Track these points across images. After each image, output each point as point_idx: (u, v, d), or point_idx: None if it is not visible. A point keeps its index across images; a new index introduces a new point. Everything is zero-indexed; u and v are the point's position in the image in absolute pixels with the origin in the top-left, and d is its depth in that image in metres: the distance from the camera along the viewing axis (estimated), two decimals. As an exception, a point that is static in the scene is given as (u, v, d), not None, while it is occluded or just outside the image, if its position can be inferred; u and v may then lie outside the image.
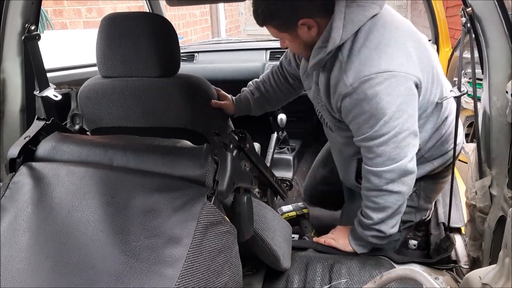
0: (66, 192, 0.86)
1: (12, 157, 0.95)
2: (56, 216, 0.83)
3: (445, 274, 1.24)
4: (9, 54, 1.31)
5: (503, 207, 1.01)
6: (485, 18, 1.04)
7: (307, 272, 1.24)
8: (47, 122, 1.02)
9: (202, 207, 0.80)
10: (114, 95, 1.32)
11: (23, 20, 1.30)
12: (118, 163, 0.91)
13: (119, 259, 0.76)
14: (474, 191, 1.17)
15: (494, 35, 1.03)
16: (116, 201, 0.83)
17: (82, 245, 0.78)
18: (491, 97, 1.06)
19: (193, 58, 2.63)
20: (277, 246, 1.11)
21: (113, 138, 1.02)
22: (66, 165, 0.92)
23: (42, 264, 0.77)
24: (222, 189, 0.83)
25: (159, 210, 0.81)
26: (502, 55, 1.03)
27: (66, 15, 4.37)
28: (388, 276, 0.94)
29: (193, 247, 0.77)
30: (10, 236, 0.83)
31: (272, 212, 1.14)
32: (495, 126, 1.06)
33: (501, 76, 1.04)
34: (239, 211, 0.91)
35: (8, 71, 1.32)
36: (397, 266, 1.26)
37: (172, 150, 0.93)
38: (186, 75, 1.35)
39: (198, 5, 6.15)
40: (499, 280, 0.78)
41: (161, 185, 0.84)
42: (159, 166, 0.88)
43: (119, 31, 1.25)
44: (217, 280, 0.81)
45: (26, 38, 1.31)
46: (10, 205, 0.87)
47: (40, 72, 1.38)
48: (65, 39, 3.73)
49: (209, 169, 0.84)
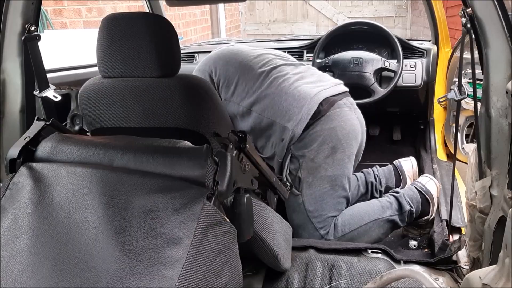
0: (66, 193, 0.86)
1: (12, 157, 0.95)
2: (56, 216, 0.83)
3: (445, 275, 1.24)
4: (9, 54, 1.31)
5: (503, 207, 1.01)
6: (485, 19, 1.04)
7: (307, 272, 1.24)
8: (47, 123, 1.02)
9: (202, 208, 0.80)
10: (114, 95, 1.31)
11: (23, 21, 1.30)
12: (118, 163, 0.91)
13: (119, 259, 0.76)
14: (474, 192, 1.17)
15: (494, 35, 1.03)
16: (116, 201, 0.83)
17: (82, 245, 0.78)
18: (491, 98, 1.06)
19: (193, 58, 2.64)
20: (277, 247, 1.11)
21: (113, 139, 1.02)
22: (66, 166, 0.92)
23: (42, 264, 0.77)
24: (222, 189, 0.83)
25: (159, 210, 0.81)
26: (502, 55, 1.03)
27: (66, 14, 4.36)
28: (388, 277, 0.94)
29: (193, 248, 0.77)
30: (10, 236, 0.83)
31: (272, 212, 1.14)
32: (495, 126, 1.06)
33: (501, 76, 1.04)
34: (239, 212, 0.91)
35: (8, 71, 1.32)
36: (397, 266, 1.26)
37: (172, 150, 0.93)
38: (186, 76, 1.35)
39: (198, 5, 6.15)
40: (499, 280, 0.78)
41: (161, 185, 0.84)
42: (159, 166, 0.88)
43: (119, 32, 1.24)
44: (217, 280, 0.81)
45: (26, 38, 1.31)
46: (10, 206, 0.87)
47: (40, 72, 1.37)
48: (65, 38, 3.73)
49: (209, 169, 0.84)
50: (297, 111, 1.60)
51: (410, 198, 1.72)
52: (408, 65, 2.31)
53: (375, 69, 2.22)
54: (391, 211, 1.69)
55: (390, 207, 1.70)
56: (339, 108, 1.67)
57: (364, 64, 2.22)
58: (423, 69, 2.32)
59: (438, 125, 2.41)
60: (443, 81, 2.38)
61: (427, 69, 2.33)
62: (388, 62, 2.23)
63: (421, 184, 1.77)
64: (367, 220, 1.64)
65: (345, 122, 1.68)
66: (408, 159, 2.05)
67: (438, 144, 2.33)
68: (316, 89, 1.66)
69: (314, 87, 1.67)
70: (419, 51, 2.37)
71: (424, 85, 2.33)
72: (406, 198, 1.72)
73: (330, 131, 1.64)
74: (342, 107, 1.67)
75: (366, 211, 1.68)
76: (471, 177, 1.22)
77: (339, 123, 1.66)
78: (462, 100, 1.28)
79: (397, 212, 1.69)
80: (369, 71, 2.21)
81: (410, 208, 1.70)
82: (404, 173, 2.00)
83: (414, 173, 2.01)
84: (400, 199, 1.71)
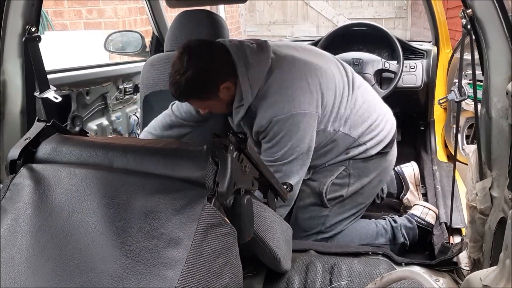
0: (67, 194, 0.86)
1: (12, 158, 0.95)
2: (57, 217, 0.83)
3: (446, 276, 1.24)
4: (9, 55, 1.31)
5: (504, 208, 1.01)
6: (485, 20, 1.04)
7: (308, 273, 1.23)
8: (48, 124, 1.02)
9: (203, 209, 0.80)
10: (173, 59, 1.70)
11: (23, 22, 1.30)
12: (119, 164, 0.91)
13: (119, 260, 0.75)
14: (474, 193, 1.17)
15: (494, 36, 1.03)
16: (116, 202, 0.83)
17: (82, 246, 0.78)
18: (492, 98, 1.06)
19: None
20: (277, 248, 1.11)
21: (113, 140, 1.02)
22: (66, 167, 0.92)
23: (42, 266, 0.77)
24: (222, 190, 0.83)
25: (159, 211, 0.81)
26: (502, 56, 1.03)
27: (66, 16, 4.36)
28: (388, 278, 0.94)
29: (193, 249, 0.77)
30: (10, 237, 0.83)
31: (272, 213, 1.14)
32: (496, 127, 1.06)
33: (501, 77, 1.04)
34: (239, 213, 0.91)
35: (8, 72, 1.32)
36: (398, 267, 1.26)
37: (172, 151, 0.93)
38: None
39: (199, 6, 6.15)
40: (500, 281, 0.77)
41: (161, 186, 0.84)
42: (159, 167, 0.88)
43: (187, 20, 1.90)
44: (217, 281, 0.81)
45: (26, 39, 1.31)
46: (11, 207, 0.87)
47: (40, 73, 1.37)
48: (65, 40, 3.74)
49: (210, 170, 0.84)
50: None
51: (406, 230, 1.72)
52: (409, 66, 2.31)
53: (376, 70, 2.22)
54: (384, 240, 1.70)
55: (384, 235, 1.71)
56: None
57: (365, 65, 2.23)
58: (423, 70, 2.32)
59: (438, 126, 2.41)
60: (444, 82, 2.38)
61: (427, 70, 2.33)
62: (389, 63, 2.24)
63: (421, 219, 1.75)
64: (356, 243, 1.65)
65: (394, 158, 1.74)
66: (409, 165, 2.05)
67: (439, 145, 2.33)
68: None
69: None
70: (420, 52, 2.38)
71: (424, 86, 2.33)
72: (402, 230, 1.72)
73: (388, 165, 1.70)
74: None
75: (359, 233, 1.69)
76: (471, 178, 1.22)
77: (393, 158, 1.72)
78: (463, 101, 1.28)
79: (389, 242, 1.70)
80: (369, 72, 2.22)
81: (404, 241, 1.70)
82: (406, 179, 2.00)
83: (416, 178, 2.01)
84: (395, 231, 1.71)
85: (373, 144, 1.60)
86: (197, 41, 1.42)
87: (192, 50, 1.38)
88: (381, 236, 1.69)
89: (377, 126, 1.61)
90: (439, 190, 1.90)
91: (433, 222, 1.74)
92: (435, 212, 1.77)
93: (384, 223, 1.74)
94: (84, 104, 2.11)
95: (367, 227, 1.71)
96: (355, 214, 1.68)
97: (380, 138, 1.61)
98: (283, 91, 1.43)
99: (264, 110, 1.43)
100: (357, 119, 1.57)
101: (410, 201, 1.97)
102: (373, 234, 1.69)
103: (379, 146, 1.61)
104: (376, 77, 2.24)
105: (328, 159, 1.61)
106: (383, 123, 1.63)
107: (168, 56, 1.91)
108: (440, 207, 1.76)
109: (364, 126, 1.58)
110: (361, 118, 1.57)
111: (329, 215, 1.63)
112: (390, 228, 1.71)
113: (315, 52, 1.67)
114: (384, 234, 1.70)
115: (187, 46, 1.39)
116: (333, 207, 1.63)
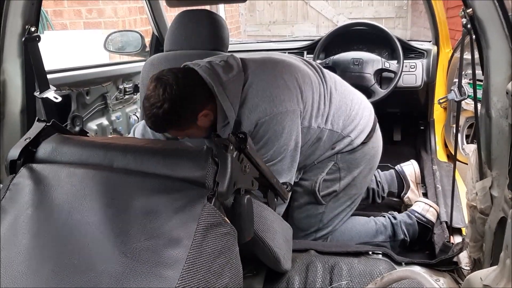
0: (67, 194, 0.86)
1: (12, 158, 0.95)
2: (57, 217, 0.83)
3: (446, 276, 1.24)
4: (9, 55, 1.31)
5: (504, 208, 1.01)
6: (486, 19, 1.04)
7: (308, 273, 1.23)
8: (48, 124, 1.02)
9: (203, 209, 0.80)
10: (173, 60, 1.82)
11: (23, 21, 1.30)
12: (119, 164, 0.91)
13: (119, 260, 0.75)
14: (474, 192, 1.17)
15: (495, 36, 1.03)
16: (116, 202, 0.83)
17: (82, 247, 0.78)
18: (492, 98, 1.06)
19: None
20: (277, 248, 1.11)
21: (113, 140, 1.02)
22: (66, 167, 0.92)
23: (42, 266, 0.77)
24: (222, 190, 0.83)
25: (159, 211, 0.81)
26: (503, 56, 1.03)
27: (66, 15, 4.36)
28: (389, 278, 0.94)
29: (193, 249, 0.77)
30: (10, 238, 0.83)
31: (272, 213, 1.14)
32: (496, 127, 1.06)
33: (501, 77, 1.04)
34: (239, 212, 0.91)
35: (8, 72, 1.32)
36: (398, 267, 1.26)
37: (172, 151, 0.93)
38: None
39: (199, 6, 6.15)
40: (500, 281, 0.77)
41: (161, 186, 0.84)
42: (159, 167, 0.88)
43: (187, 19, 1.91)
44: (217, 281, 0.81)
45: (26, 39, 1.31)
46: (11, 207, 0.87)
47: (40, 73, 1.38)
48: (65, 40, 3.74)
49: (210, 170, 0.84)
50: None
51: (406, 226, 1.73)
52: (409, 66, 2.31)
53: (375, 69, 2.22)
54: (384, 237, 1.70)
55: (384, 232, 1.71)
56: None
57: (365, 65, 2.22)
58: (424, 70, 2.32)
59: (438, 126, 2.41)
60: (444, 82, 2.38)
61: (427, 70, 2.33)
62: (389, 62, 2.24)
63: (421, 216, 1.76)
64: (356, 241, 1.65)
65: (380, 144, 1.73)
66: (409, 163, 2.05)
67: (439, 145, 2.33)
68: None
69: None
70: (420, 52, 2.37)
71: (424, 86, 2.33)
72: (402, 226, 1.72)
73: (375, 152, 1.69)
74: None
75: (358, 231, 1.69)
76: (471, 178, 1.22)
77: (379, 144, 1.71)
78: (463, 101, 1.28)
79: (389, 239, 1.70)
80: (369, 72, 2.21)
81: (404, 237, 1.70)
82: (407, 177, 2.00)
83: (416, 177, 2.01)
84: (395, 227, 1.72)
85: (357, 134, 1.61)
86: (169, 71, 1.39)
87: (165, 81, 1.34)
88: (380, 233, 1.69)
89: (356, 115, 1.62)
90: (439, 190, 1.90)
91: (433, 220, 1.74)
92: (436, 209, 1.76)
93: (384, 220, 1.74)
94: (84, 104, 2.11)
95: (367, 225, 1.71)
96: (350, 205, 1.68)
97: (362, 127, 1.63)
98: (261, 93, 1.43)
99: (247, 116, 1.43)
100: (337, 113, 1.57)
101: (411, 200, 1.97)
102: (372, 232, 1.69)
103: (362, 135, 1.62)
104: (376, 76, 2.24)
105: (317, 157, 1.62)
106: (361, 111, 1.64)
107: (168, 55, 1.92)
108: (441, 206, 1.76)
109: (344, 118, 1.59)
110: (340, 111, 1.58)
111: (325, 212, 1.64)
112: (390, 225, 1.72)
113: (279, 53, 1.72)
114: (383, 231, 1.70)
115: (160, 77, 1.36)
116: (328, 203, 1.64)
